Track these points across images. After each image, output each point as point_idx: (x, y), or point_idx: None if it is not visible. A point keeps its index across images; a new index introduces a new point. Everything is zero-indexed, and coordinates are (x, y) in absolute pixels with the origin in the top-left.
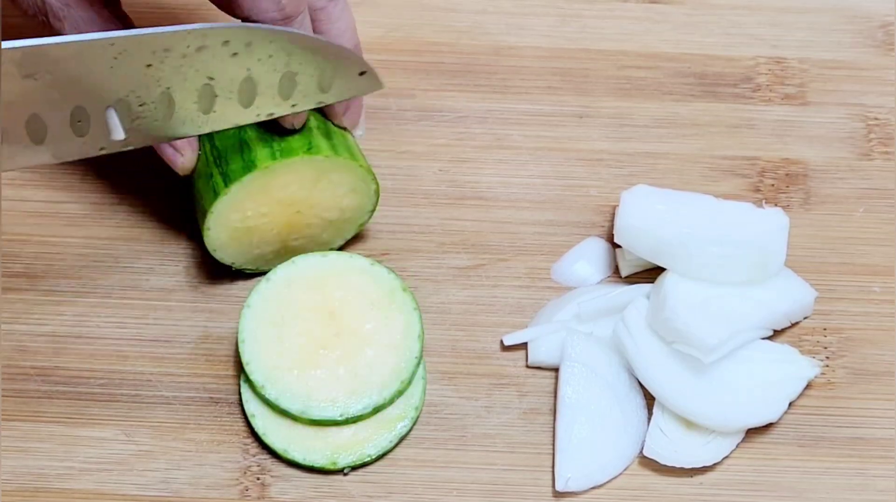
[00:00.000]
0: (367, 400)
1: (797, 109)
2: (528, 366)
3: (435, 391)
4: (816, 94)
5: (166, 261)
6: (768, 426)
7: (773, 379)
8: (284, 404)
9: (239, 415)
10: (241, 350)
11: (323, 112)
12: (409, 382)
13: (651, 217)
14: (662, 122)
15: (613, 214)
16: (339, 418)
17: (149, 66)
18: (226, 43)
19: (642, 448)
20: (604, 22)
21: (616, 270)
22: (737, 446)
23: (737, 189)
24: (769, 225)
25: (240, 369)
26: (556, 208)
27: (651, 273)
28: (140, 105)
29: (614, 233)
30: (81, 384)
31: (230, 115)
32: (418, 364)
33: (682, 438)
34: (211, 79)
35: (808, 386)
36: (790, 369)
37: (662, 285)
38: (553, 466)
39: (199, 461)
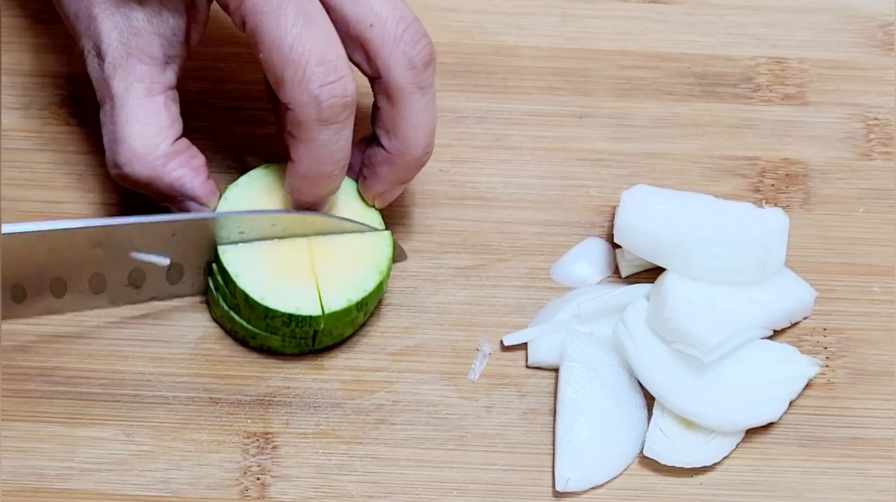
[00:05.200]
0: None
1: (797, 109)
2: (528, 367)
3: (435, 391)
4: (816, 94)
5: None
6: (768, 426)
7: (774, 379)
8: (278, 306)
9: (239, 415)
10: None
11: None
12: (388, 272)
13: (651, 217)
14: (662, 122)
15: (613, 214)
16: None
17: (203, 236)
18: (274, 224)
19: (642, 448)
20: (604, 22)
21: (616, 270)
22: (737, 446)
23: (737, 189)
24: (769, 225)
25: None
26: (556, 208)
27: (651, 273)
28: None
29: (614, 233)
30: (81, 384)
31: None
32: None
33: (682, 438)
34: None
35: (808, 387)
36: (790, 368)
37: (662, 285)
38: (553, 466)
39: (199, 461)
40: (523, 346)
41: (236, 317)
